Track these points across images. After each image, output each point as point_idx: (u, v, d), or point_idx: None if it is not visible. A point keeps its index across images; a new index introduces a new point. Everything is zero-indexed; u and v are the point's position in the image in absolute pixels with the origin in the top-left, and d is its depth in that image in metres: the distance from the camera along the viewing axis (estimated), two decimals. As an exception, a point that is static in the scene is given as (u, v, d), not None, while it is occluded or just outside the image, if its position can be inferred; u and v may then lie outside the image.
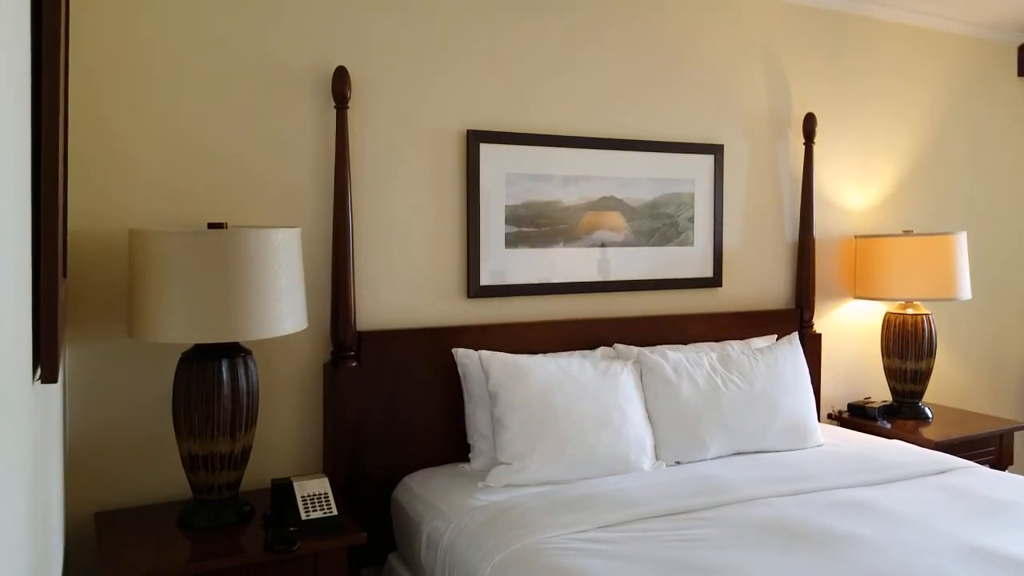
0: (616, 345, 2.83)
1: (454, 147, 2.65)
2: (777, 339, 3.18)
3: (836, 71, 3.49)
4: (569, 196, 2.88)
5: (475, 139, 2.66)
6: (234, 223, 2.31)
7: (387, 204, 2.55)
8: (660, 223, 3.07)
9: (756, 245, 3.33)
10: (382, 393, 2.48)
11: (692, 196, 3.14)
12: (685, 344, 3.00)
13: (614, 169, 2.96)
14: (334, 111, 2.41)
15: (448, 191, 2.65)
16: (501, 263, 2.74)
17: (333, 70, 2.40)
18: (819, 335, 3.37)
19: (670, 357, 2.72)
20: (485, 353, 2.49)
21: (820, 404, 3.37)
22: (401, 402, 2.51)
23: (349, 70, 2.43)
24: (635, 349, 2.77)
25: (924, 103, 3.76)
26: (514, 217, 2.76)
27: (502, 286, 2.74)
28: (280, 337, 2.05)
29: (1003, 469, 3.30)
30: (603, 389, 2.49)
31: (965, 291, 3.34)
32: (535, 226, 2.81)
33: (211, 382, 1.97)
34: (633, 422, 2.50)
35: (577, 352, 2.75)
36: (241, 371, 2.02)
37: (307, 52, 2.42)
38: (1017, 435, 3.55)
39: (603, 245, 2.95)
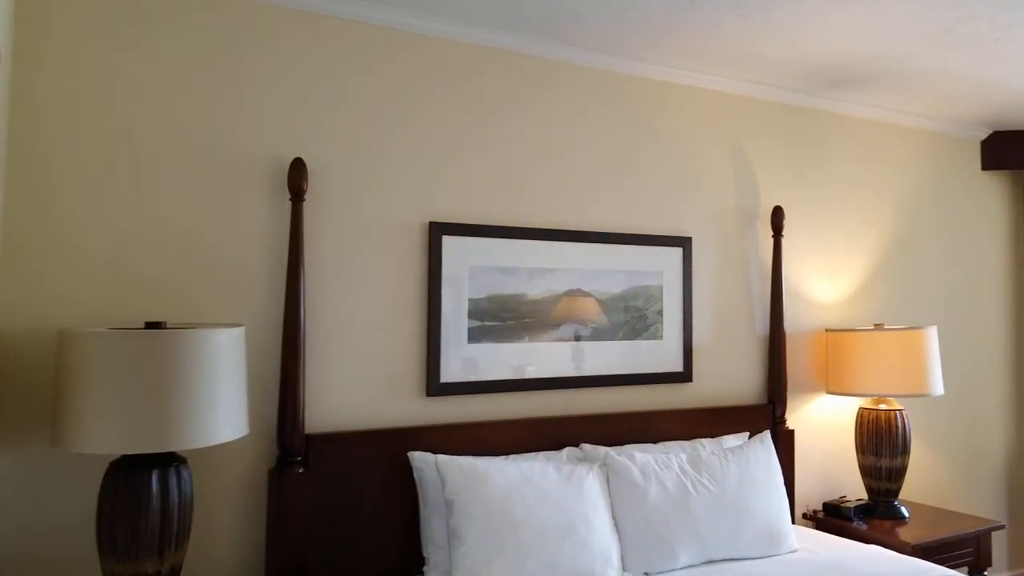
0: (583, 445, 2.71)
1: (415, 239, 2.58)
2: (749, 436, 3.09)
3: (803, 164, 3.51)
4: (535, 289, 2.80)
5: (437, 231, 2.59)
6: (178, 318, 2.19)
7: (343, 299, 2.45)
8: (629, 316, 2.99)
9: (726, 338, 3.26)
10: (331, 501, 2.32)
11: (661, 289, 3.08)
12: (655, 443, 2.89)
13: (581, 261, 2.90)
14: (289, 203, 2.33)
15: (408, 284, 2.56)
16: (463, 359, 2.63)
17: (290, 161, 2.33)
18: (792, 431, 3.27)
19: (638, 459, 2.60)
20: (442, 457, 2.35)
21: (795, 503, 3.25)
22: (352, 511, 2.35)
23: (307, 161, 2.36)
24: (602, 450, 2.65)
25: (891, 196, 3.79)
26: (478, 311, 2.67)
27: (464, 383, 2.63)
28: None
29: (981, 572, 3.19)
30: (567, 495, 2.36)
31: (937, 386, 3.29)
32: (499, 320, 2.71)
33: (138, 495, 1.82)
34: (599, 531, 2.36)
35: (542, 454, 2.62)
36: (173, 482, 1.87)
37: (264, 142, 2.35)
38: (995, 534, 3.44)
39: (570, 339, 2.86)
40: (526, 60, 2.82)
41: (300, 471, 2.26)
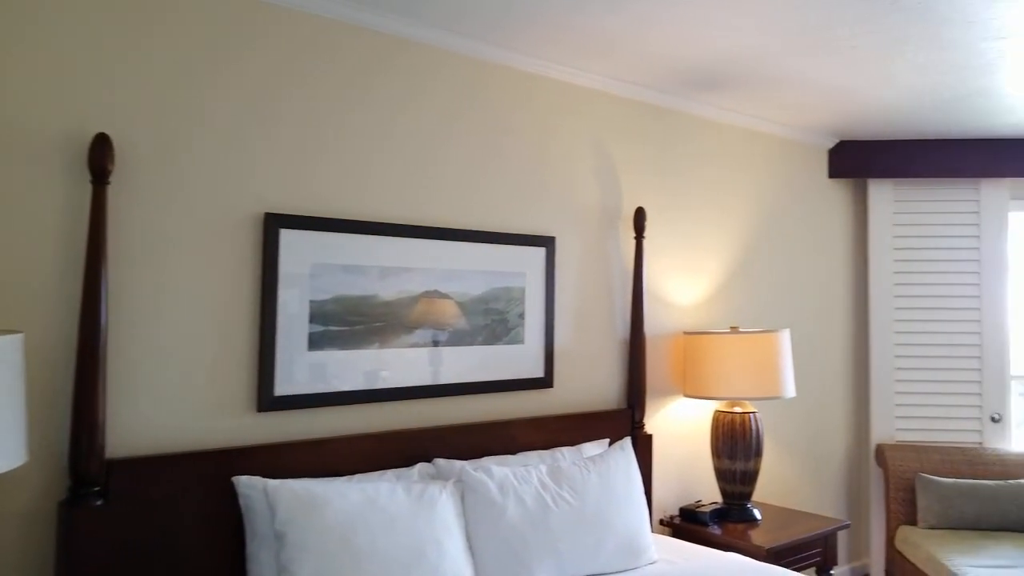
0: (436, 461, 2.51)
1: (248, 232, 2.27)
2: (610, 443, 3.00)
3: (665, 166, 3.47)
4: (388, 290, 2.56)
5: (274, 223, 2.30)
6: (-63, 324, 1.78)
7: (156, 300, 2.11)
8: (489, 319, 2.81)
9: (588, 342, 3.16)
10: (138, 538, 1.98)
11: (523, 291, 2.92)
12: (514, 454, 2.74)
13: (439, 261, 2.69)
14: (90, 187, 1.97)
15: (238, 284, 2.25)
16: (304, 369, 2.36)
17: (91, 138, 1.97)
18: (650, 436, 3.22)
19: (496, 473, 2.43)
20: (272, 482, 2.07)
21: (652, 509, 3.21)
22: (164, 549, 2.02)
23: (113, 138, 2.01)
24: (458, 464, 2.46)
25: (748, 201, 3.84)
26: (322, 314, 2.39)
27: (304, 396, 2.35)
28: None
29: (829, 570, 3.27)
30: (417, 519, 2.14)
31: (789, 389, 3.34)
32: (346, 324, 2.45)
33: None
34: (451, 556, 2.16)
35: (391, 472, 2.39)
36: (-83, 531, 1.49)
37: (58, 114, 1.97)
38: (840, 533, 3.56)
39: (427, 345, 2.65)
40: (381, 38, 2.57)
41: (98, 503, 1.90)
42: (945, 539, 3.55)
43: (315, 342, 2.38)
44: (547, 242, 2.99)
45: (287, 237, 2.32)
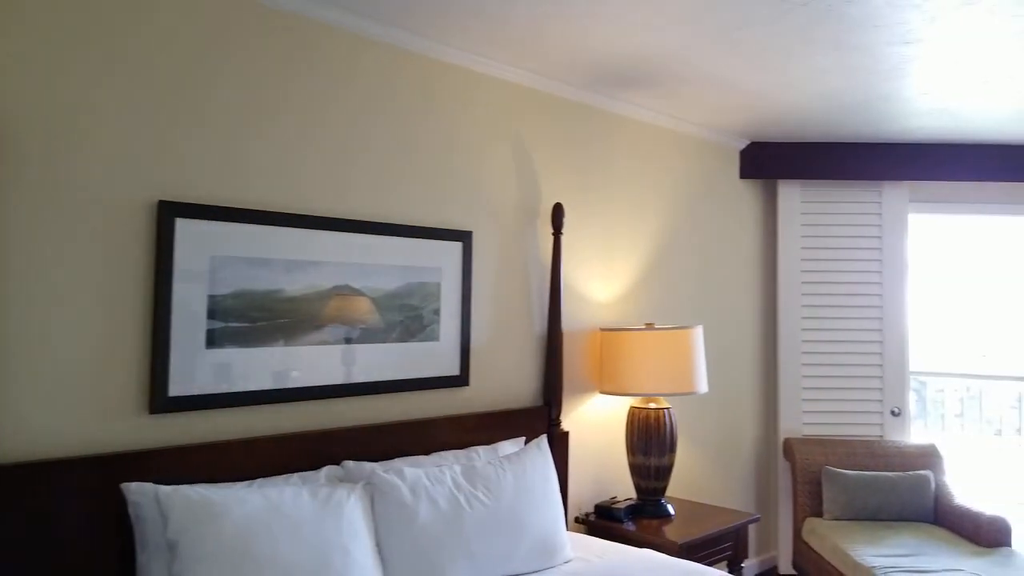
0: (345, 463, 2.40)
1: (140, 222, 2.11)
2: (526, 442, 2.96)
3: (583, 163, 3.46)
4: (295, 285, 2.44)
5: (169, 212, 2.15)
6: None
7: (34, 294, 1.93)
8: (404, 316, 2.73)
9: (505, 339, 3.11)
10: (16, 551, 1.81)
11: (439, 286, 2.85)
12: (428, 454, 2.67)
13: (351, 254, 2.58)
14: (-44, 167, 1.79)
15: (129, 277, 2.09)
16: (202, 367, 2.21)
17: (-42, 113, 1.79)
18: (567, 433, 3.20)
19: (408, 475, 2.35)
20: (164, 489, 1.93)
21: (568, 507, 3.19)
22: (45, 563, 1.85)
23: (-16, 116, 1.83)
24: (368, 467, 2.36)
25: (663, 199, 3.87)
26: (221, 310, 2.26)
27: (201, 396, 2.21)
28: None
29: (740, 563, 3.33)
30: (323, 525, 2.04)
31: (702, 385, 3.38)
32: (248, 321, 2.32)
33: None
34: (359, 563, 2.07)
35: (296, 476, 2.28)
36: None
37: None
38: (750, 526, 3.63)
39: (338, 343, 2.54)
40: (292, 21, 2.44)
41: (-35, 517, 1.73)
42: (849, 530, 3.67)
43: (214, 340, 2.24)
44: (464, 236, 2.92)
45: (184, 227, 2.18)
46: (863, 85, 3.25)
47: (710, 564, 3.14)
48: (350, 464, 2.40)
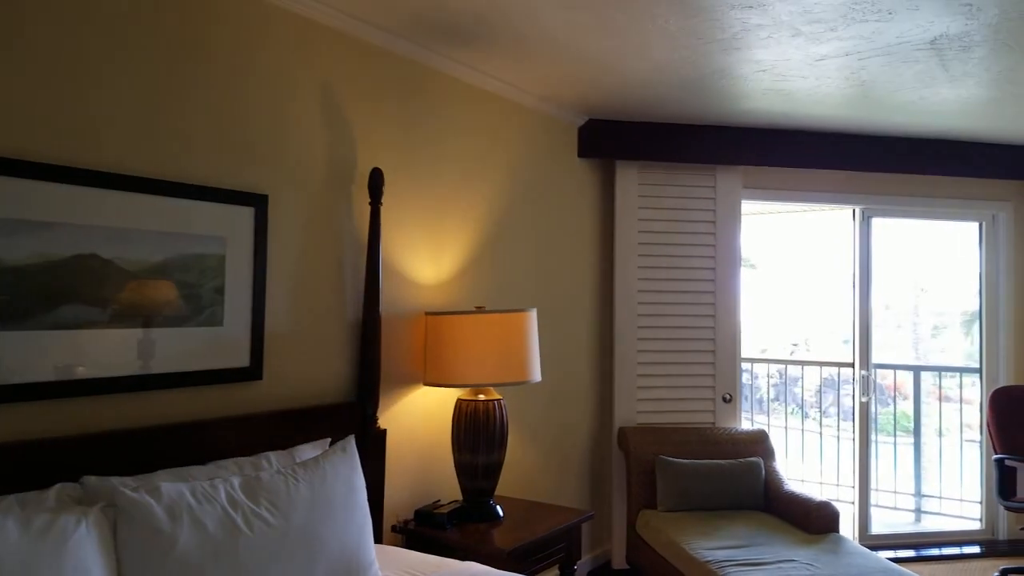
0: (85, 479, 1.88)
1: None
2: (332, 443, 2.54)
3: (409, 128, 3.06)
4: (18, 251, 1.88)
5: None
6: None
7: None
8: (172, 295, 2.21)
9: (310, 325, 2.66)
10: None
11: (223, 259, 2.35)
12: (203, 463, 2.18)
13: (98, 215, 2.04)
14: None
15: None
16: None
17: None
18: (384, 431, 2.81)
19: (165, 492, 1.85)
20: None
21: (384, 515, 2.81)
22: None
23: None
24: (111, 482, 1.85)
25: (498, 173, 3.55)
26: None
27: None
28: None
29: (573, 566, 3.09)
30: (36, 566, 1.53)
31: (536, 373, 3.10)
32: (-61, 296, 1.74)
33: None
34: (85, 614, 1.57)
35: (13, 497, 1.74)
36: None
37: None
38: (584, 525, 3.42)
39: (74, 327, 1.99)
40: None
41: None
42: (683, 522, 3.54)
43: None
44: (257, 200, 2.44)
45: None
46: (702, 56, 3.08)
47: (542, 568, 2.88)
48: (92, 480, 1.88)
